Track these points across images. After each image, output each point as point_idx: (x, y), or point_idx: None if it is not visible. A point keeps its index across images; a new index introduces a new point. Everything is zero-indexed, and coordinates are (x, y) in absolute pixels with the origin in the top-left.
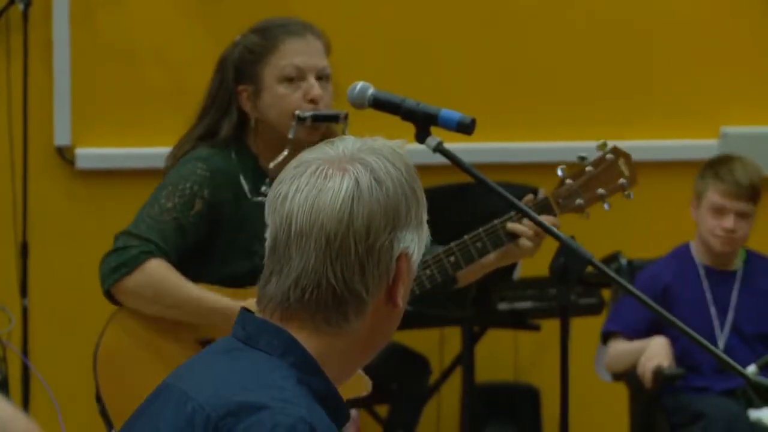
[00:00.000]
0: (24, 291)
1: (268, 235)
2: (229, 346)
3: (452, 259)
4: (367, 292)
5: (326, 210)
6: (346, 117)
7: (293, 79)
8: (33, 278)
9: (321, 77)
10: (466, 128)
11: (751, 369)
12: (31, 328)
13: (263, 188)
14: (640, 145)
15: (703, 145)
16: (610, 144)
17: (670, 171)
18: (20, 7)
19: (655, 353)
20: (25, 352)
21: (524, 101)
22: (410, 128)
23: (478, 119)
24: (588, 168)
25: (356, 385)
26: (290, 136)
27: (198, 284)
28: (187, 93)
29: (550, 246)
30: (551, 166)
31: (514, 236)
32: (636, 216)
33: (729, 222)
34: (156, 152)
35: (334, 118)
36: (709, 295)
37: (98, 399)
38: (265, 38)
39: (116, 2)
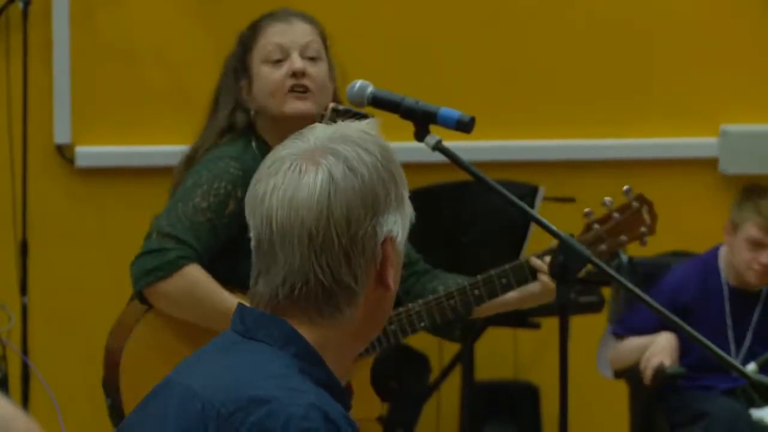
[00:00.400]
0: (24, 289)
1: (252, 235)
2: (230, 340)
3: (476, 292)
4: (356, 282)
5: (304, 206)
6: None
7: (280, 60)
8: (33, 276)
9: (311, 57)
10: (465, 126)
11: (751, 367)
12: (31, 326)
13: None
14: (640, 144)
15: (702, 143)
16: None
17: (670, 169)
18: (20, 5)
19: (659, 350)
20: (24, 350)
21: (524, 99)
22: (409, 126)
23: (478, 117)
24: (615, 214)
25: (368, 406)
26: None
27: (230, 285)
28: (186, 92)
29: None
30: (551, 165)
31: (536, 274)
32: None
33: (765, 257)
34: (156, 150)
35: (360, 118)
36: (729, 319)
37: (111, 393)
38: (252, 29)
39: (116, 1)
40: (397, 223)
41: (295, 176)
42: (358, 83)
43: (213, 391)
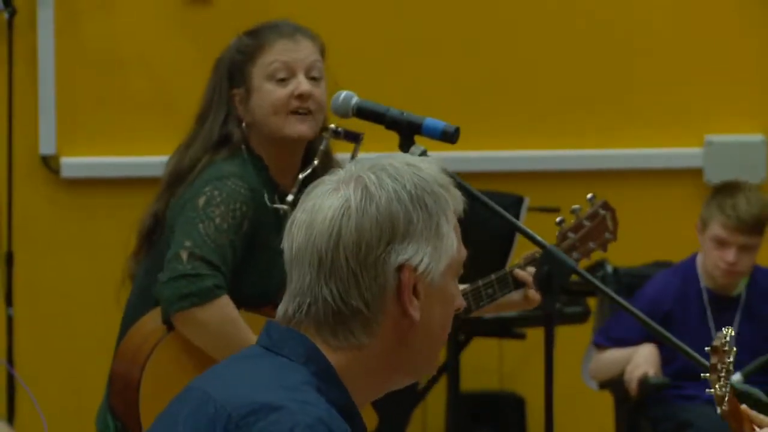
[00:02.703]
0: (9, 300)
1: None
2: (254, 353)
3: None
4: (367, 307)
5: (318, 230)
6: (362, 139)
7: (284, 79)
8: (18, 287)
9: (314, 77)
10: (450, 137)
11: (737, 377)
12: (16, 337)
13: (276, 197)
14: (625, 154)
15: (687, 154)
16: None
17: (655, 179)
18: (5, 15)
19: (641, 361)
20: (10, 361)
21: (508, 110)
22: (394, 137)
23: (462, 128)
24: (585, 222)
25: (366, 418)
26: (321, 148)
27: (235, 302)
28: (172, 101)
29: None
30: (536, 175)
31: (521, 283)
32: (621, 224)
33: (730, 255)
34: (142, 161)
35: (356, 138)
36: (712, 323)
37: (121, 417)
38: (255, 39)
39: (101, 11)
40: (425, 254)
41: (319, 201)
42: (343, 94)
43: (227, 396)
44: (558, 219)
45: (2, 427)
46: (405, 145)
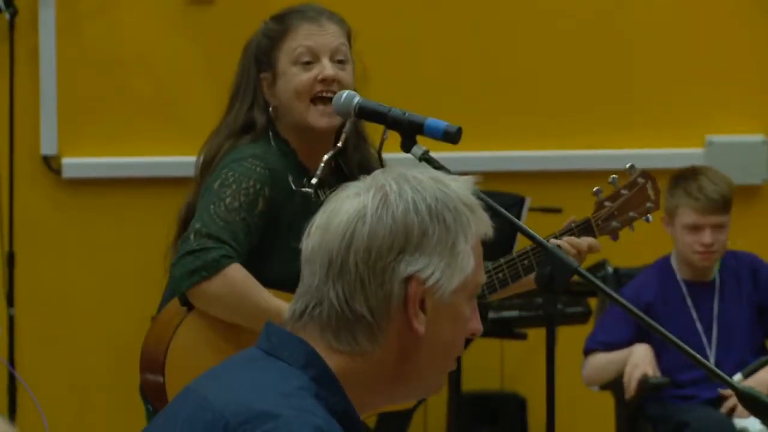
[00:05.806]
0: (10, 300)
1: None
2: (253, 356)
3: (501, 275)
4: (371, 314)
5: (332, 231)
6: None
7: (309, 62)
8: (19, 287)
9: (340, 60)
10: (452, 137)
11: (737, 377)
12: (18, 337)
13: (305, 180)
14: (625, 154)
15: (688, 154)
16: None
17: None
18: (6, 16)
19: (639, 361)
20: (11, 361)
21: (510, 110)
22: (396, 137)
23: (464, 128)
24: (623, 191)
25: None
26: (345, 131)
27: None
28: (173, 102)
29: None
30: (537, 175)
31: None
32: None
33: (707, 237)
34: (142, 162)
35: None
36: (693, 312)
37: (151, 400)
38: (280, 23)
39: (102, 12)
40: (436, 268)
41: (338, 206)
42: (345, 93)
43: (225, 402)
44: (595, 189)
45: (3, 427)
46: (407, 145)
